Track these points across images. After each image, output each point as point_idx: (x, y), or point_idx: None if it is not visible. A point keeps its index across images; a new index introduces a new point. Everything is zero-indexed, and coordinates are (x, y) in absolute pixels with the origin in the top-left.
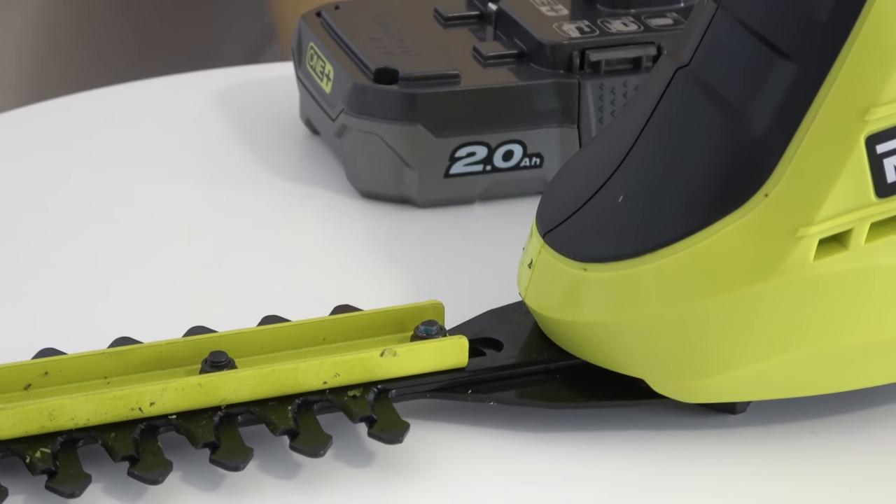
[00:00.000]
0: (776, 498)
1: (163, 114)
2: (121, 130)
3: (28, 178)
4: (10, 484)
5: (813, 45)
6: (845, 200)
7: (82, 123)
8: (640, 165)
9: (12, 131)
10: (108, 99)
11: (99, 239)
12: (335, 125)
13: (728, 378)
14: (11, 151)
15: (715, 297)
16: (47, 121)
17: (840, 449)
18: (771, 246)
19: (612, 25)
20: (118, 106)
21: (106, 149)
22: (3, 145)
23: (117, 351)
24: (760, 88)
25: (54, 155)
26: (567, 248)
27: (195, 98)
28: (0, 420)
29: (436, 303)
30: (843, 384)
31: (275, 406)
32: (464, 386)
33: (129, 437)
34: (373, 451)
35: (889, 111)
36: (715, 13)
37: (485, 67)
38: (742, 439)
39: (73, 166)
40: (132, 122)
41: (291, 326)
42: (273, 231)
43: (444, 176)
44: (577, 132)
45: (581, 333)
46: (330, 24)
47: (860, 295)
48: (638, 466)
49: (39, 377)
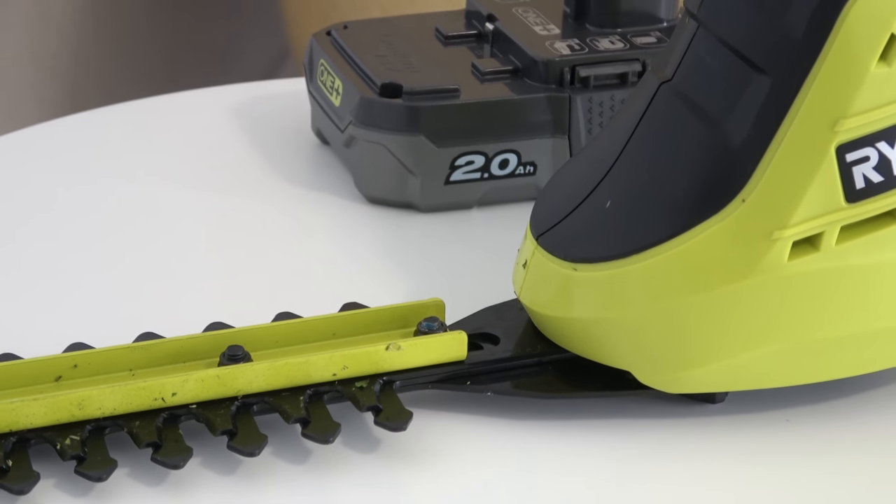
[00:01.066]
0: (753, 481)
1: (186, 125)
2: (147, 140)
3: (62, 184)
4: (41, 469)
5: (787, 62)
6: (817, 205)
7: (112, 134)
8: (627, 173)
9: (48, 141)
10: (136, 111)
11: (125, 242)
12: (344, 136)
13: (708, 370)
14: (47, 160)
15: (696, 295)
16: (80, 132)
17: (813, 436)
18: (748, 248)
19: (600, 43)
20: (145, 117)
21: (134, 157)
22: (40, 154)
23: (141, 345)
24: (738, 101)
25: (86, 163)
26: (559, 249)
27: (216, 111)
28: (33, 409)
29: (437, 300)
30: (816, 376)
31: (288, 396)
32: (463, 377)
33: (152, 425)
34: (378, 438)
35: (857, 122)
36: (696, 32)
37: (482, 82)
38: (721, 427)
39: (103, 174)
40: (158, 132)
41: (303, 322)
42: (286, 234)
43: (444, 183)
44: (567, 142)
45: (572, 329)
46: (339, 43)
47: (831, 293)
48: (624, 452)
49: (69, 369)
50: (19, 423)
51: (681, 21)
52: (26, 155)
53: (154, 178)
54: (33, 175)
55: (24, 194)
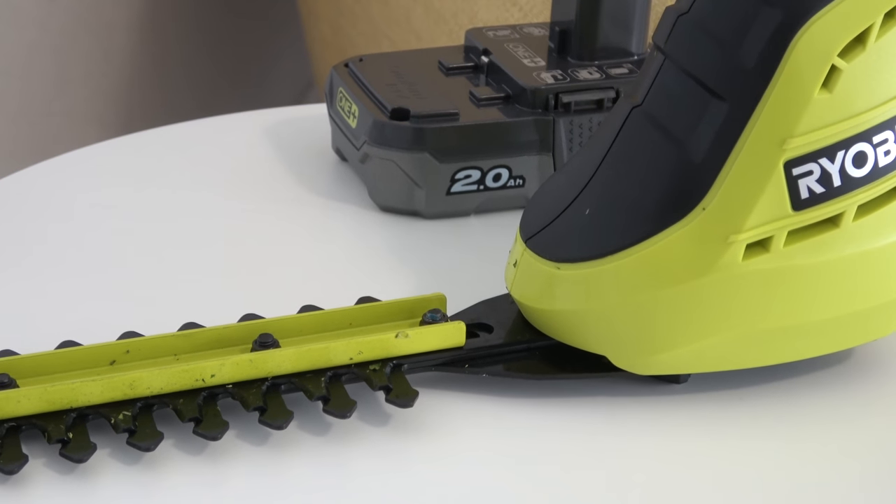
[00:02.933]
0: (711, 450)
1: (224, 144)
2: (191, 156)
3: (118, 194)
4: (98, 440)
5: (741, 89)
6: (767, 213)
7: (161, 151)
8: (603, 185)
9: (108, 157)
10: (182, 132)
11: (171, 243)
12: (359, 153)
13: (673, 354)
14: (107, 173)
15: (662, 290)
16: (134, 150)
17: (763, 412)
18: (707, 249)
19: (580, 74)
20: (190, 137)
21: (178, 172)
22: (100, 169)
23: (185, 333)
24: (699, 123)
25: (139, 176)
26: (544, 250)
27: (250, 131)
28: (90, 389)
29: (439, 295)
30: (766, 360)
31: (311, 377)
32: (462, 361)
33: (194, 402)
34: (389, 414)
35: (803, 141)
36: (663, 63)
37: (478, 107)
38: (684, 404)
39: (153, 185)
40: (200, 150)
41: (324, 314)
42: (310, 237)
43: (446, 194)
44: (552, 159)
45: (555, 319)
46: (355, 73)
47: (779, 289)
48: (600, 425)
49: (122, 354)
50: (79, 401)
51: (650, 54)
52: (89, 169)
53: (196, 189)
54: (95, 185)
55: (85, 200)
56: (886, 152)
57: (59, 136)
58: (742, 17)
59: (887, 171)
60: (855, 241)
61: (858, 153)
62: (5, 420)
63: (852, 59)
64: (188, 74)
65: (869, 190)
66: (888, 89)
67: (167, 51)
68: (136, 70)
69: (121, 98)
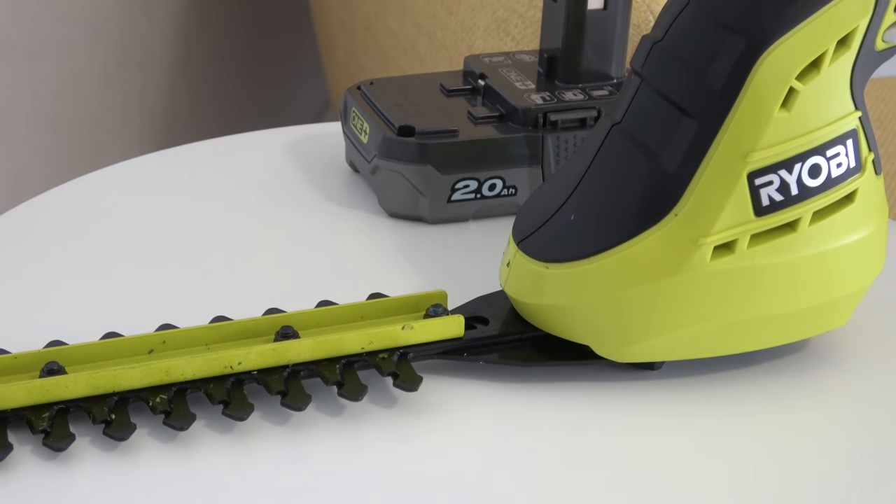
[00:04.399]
0: (681, 428)
1: (251, 157)
2: (220, 169)
3: (155, 200)
4: (137, 421)
5: (709, 108)
6: (732, 218)
7: (195, 163)
8: (586, 194)
9: (144, 169)
10: (214, 147)
11: (202, 246)
12: (370, 166)
13: (648, 344)
14: (148, 183)
15: (639, 287)
16: (171, 162)
17: (728, 395)
18: (679, 251)
19: (566, 95)
20: (221, 151)
21: (209, 182)
22: (137, 180)
23: (215, 325)
24: (672, 139)
25: (174, 185)
26: (534, 252)
27: (274, 146)
28: (131, 374)
29: (441, 291)
30: (731, 349)
31: (327, 365)
32: (461, 350)
33: (223, 387)
34: (396, 397)
35: (764, 155)
36: (640, 85)
37: (476, 125)
38: (658, 388)
39: (186, 194)
40: (229, 163)
41: (339, 308)
42: (326, 240)
43: (447, 202)
44: (540, 171)
45: (544, 313)
46: (366, 95)
47: (742, 286)
48: (584, 407)
49: (159, 344)
50: (121, 385)
51: (628, 77)
52: (131, 179)
53: (225, 198)
54: (136, 194)
55: (127, 206)
56: (839, 164)
57: (104, 150)
58: (710, 45)
59: (839, 182)
60: (810, 243)
61: (814, 165)
62: (55, 403)
63: (808, 81)
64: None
65: (823, 198)
66: (840, 108)
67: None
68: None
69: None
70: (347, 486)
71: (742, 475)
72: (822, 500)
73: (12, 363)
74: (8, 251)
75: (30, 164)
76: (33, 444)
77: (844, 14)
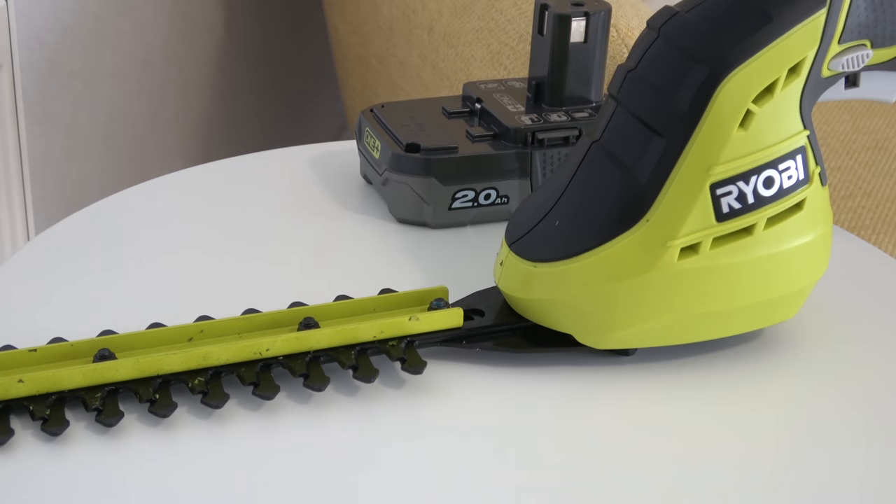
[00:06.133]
0: (651, 408)
1: (278, 171)
2: (252, 181)
3: (194, 209)
4: (178, 400)
5: (676, 128)
6: (696, 224)
7: (229, 177)
8: (569, 203)
9: (188, 180)
10: (246, 162)
11: (235, 247)
12: (381, 178)
13: (623, 333)
14: (185, 194)
15: (615, 284)
16: (210, 175)
17: (693, 377)
18: (650, 252)
19: (551, 117)
20: (251, 166)
21: (242, 192)
22: (181, 190)
23: (246, 317)
24: (643, 154)
25: (212, 194)
26: (524, 253)
27: (298, 161)
28: (172, 360)
29: (443, 287)
30: (695, 337)
31: (343, 351)
32: (460, 338)
33: (253, 371)
34: (403, 379)
35: (724, 168)
36: (616, 108)
37: (473, 142)
38: (631, 371)
39: (221, 202)
40: (259, 175)
41: (354, 301)
42: (343, 243)
43: (448, 209)
44: (529, 183)
45: (533, 306)
46: (378, 117)
47: (706, 283)
48: (566, 387)
49: (197, 333)
50: (163, 370)
51: (605, 101)
52: (176, 189)
53: (256, 205)
54: (179, 202)
55: (172, 213)
56: (789, 177)
57: (151, 164)
58: (677, 73)
59: (790, 192)
60: (765, 245)
61: (768, 177)
62: (106, 384)
63: (763, 104)
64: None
65: (776, 206)
66: (791, 128)
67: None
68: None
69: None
70: (361, 455)
71: (700, 444)
72: (773, 464)
73: (69, 350)
74: (66, 251)
75: (87, 176)
76: (87, 421)
77: (795, 46)
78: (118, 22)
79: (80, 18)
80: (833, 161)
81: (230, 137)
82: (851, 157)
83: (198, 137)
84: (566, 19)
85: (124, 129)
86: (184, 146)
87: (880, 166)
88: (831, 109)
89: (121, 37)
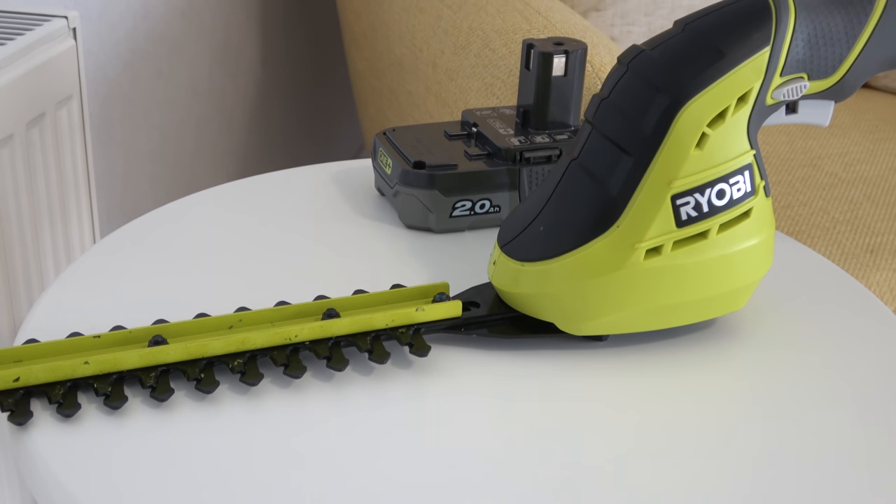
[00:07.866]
0: (622, 387)
1: (305, 184)
2: (283, 193)
3: (233, 218)
4: (220, 379)
5: (642, 148)
6: (660, 229)
7: (263, 190)
8: (552, 211)
9: (228, 192)
10: (278, 177)
11: (269, 250)
12: (393, 191)
13: (598, 322)
14: (226, 204)
15: (591, 280)
16: (247, 189)
17: (656, 359)
18: (620, 253)
19: (536, 139)
20: (282, 181)
21: (275, 203)
22: (223, 201)
23: (278, 308)
24: (614, 170)
25: (246, 204)
26: (514, 253)
27: (322, 177)
28: (215, 345)
29: (444, 283)
30: (659, 326)
31: (360, 337)
32: (459, 326)
33: (283, 354)
34: (411, 361)
35: (683, 182)
36: (591, 131)
37: (470, 161)
38: (606, 354)
39: (257, 211)
40: (289, 188)
41: (369, 295)
42: (359, 245)
43: (449, 217)
44: (518, 195)
45: (521, 299)
46: (390, 138)
47: (668, 279)
48: (549, 367)
49: (236, 322)
50: (207, 353)
51: (582, 125)
52: (218, 201)
53: (287, 214)
54: (221, 211)
55: (215, 221)
56: (738, 189)
57: (199, 179)
58: (643, 101)
59: (739, 202)
60: (717, 247)
61: (720, 189)
62: (159, 365)
63: (716, 127)
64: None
65: (727, 214)
66: (739, 148)
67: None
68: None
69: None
70: (377, 426)
71: (661, 413)
72: (725, 431)
73: (127, 336)
74: (125, 253)
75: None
76: (143, 396)
77: (743, 78)
78: (171, 59)
79: (138, 56)
80: (775, 176)
81: (264, 157)
82: (790, 173)
83: (237, 156)
84: (549, 56)
85: (175, 149)
86: (225, 164)
87: (814, 181)
88: (773, 132)
89: (172, 71)
